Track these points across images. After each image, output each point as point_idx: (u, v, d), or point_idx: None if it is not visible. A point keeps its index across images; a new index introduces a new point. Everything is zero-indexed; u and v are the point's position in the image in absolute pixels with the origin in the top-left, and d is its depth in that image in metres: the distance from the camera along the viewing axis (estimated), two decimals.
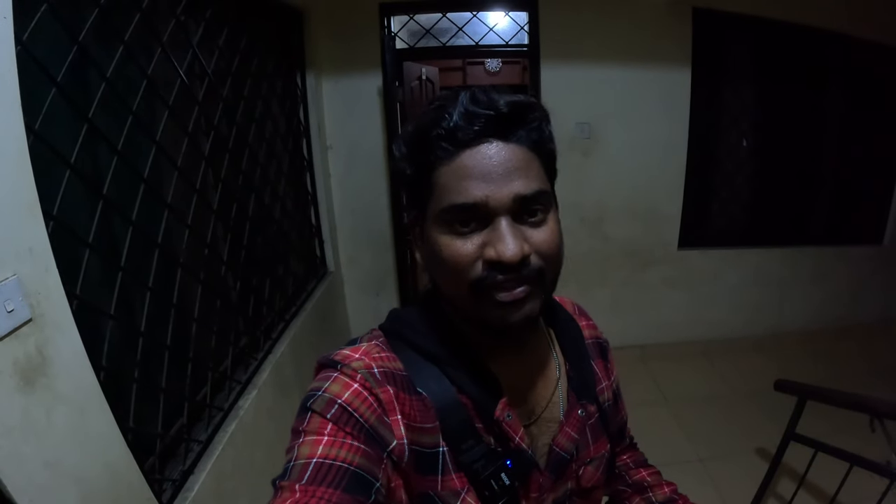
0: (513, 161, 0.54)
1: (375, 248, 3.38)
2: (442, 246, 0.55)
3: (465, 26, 3.17)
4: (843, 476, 1.72)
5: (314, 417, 0.53)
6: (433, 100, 0.58)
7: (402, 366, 0.60)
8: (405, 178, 0.59)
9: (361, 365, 0.57)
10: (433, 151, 0.55)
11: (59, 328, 0.99)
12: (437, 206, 0.56)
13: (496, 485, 0.58)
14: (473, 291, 0.55)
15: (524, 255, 0.53)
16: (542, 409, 0.66)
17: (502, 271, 0.53)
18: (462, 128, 0.53)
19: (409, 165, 0.58)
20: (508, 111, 0.54)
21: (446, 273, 0.56)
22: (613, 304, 3.45)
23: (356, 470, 0.50)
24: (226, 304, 1.84)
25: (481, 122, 0.53)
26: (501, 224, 0.53)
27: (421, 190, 0.58)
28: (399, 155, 0.59)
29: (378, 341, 0.62)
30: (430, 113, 0.56)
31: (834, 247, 3.63)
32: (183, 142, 1.59)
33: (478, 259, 0.54)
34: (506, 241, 0.52)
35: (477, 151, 0.54)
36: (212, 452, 1.53)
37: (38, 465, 0.92)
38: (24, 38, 0.93)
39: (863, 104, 3.47)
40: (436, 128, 0.54)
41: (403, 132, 0.60)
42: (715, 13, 3.05)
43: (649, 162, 3.28)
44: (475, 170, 0.53)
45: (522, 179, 0.54)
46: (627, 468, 0.87)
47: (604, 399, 0.74)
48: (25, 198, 0.91)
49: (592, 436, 0.70)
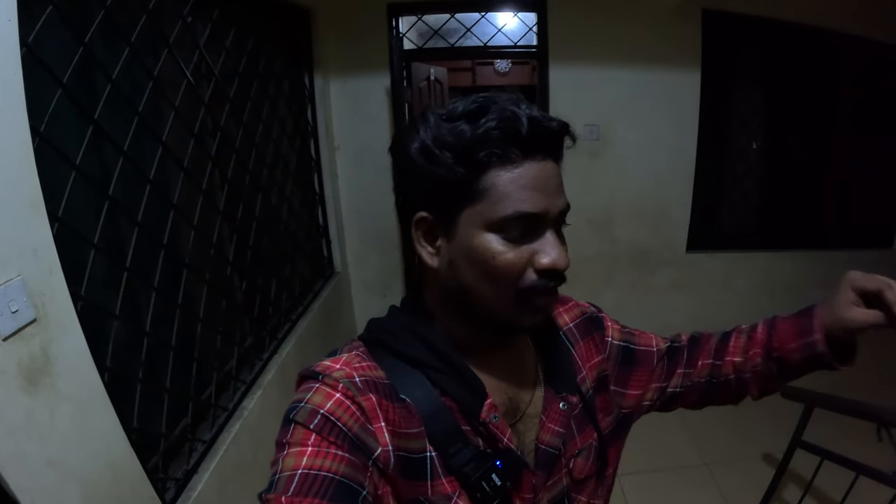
0: (558, 177, 0.58)
1: (382, 248, 3.38)
2: (494, 253, 0.55)
3: (474, 27, 3.17)
4: (849, 484, 1.70)
5: (297, 429, 0.53)
6: (474, 98, 0.55)
7: (383, 374, 0.60)
8: (434, 175, 0.56)
9: (343, 374, 0.57)
10: (496, 154, 0.54)
11: (63, 328, 0.99)
12: (491, 213, 0.54)
13: (487, 486, 0.57)
14: (520, 298, 0.57)
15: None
16: (527, 406, 0.66)
17: (554, 278, 0.57)
18: (535, 137, 0.54)
19: (456, 165, 0.55)
20: (560, 130, 0.57)
21: (492, 279, 0.56)
22: (620, 306, 3.43)
23: (341, 479, 0.49)
24: (231, 305, 1.85)
25: (548, 136, 0.56)
26: (553, 235, 0.57)
27: (460, 191, 0.56)
28: (438, 152, 0.55)
29: (358, 351, 0.62)
30: (495, 112, 0.53)
31: (844, 251, 3.58)
32: (189, 142, 1.60)
33: (528, 267, 0.56)
34: (559, 250, 0.56)
35: (540, 164, 0.56)
36: (216, 452, 1.54)
37: (41, 465, 0.93)
38: (29, 40, 0.94)
39: (874, 106, 3.43)
40: (507, 132, 0.53)
41: (446, 129, 0.55)
42: (725, 15, 3.03)
43: (658, 164, 3.26)
44: (538, 181, 0.55)
45: (563, 195, 0.58)
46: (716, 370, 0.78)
47: (587, 386, 0.72)
48: (30, 199, 0.92)
49: (578, 427, 0.69)
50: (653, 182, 3.29)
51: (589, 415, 0.71)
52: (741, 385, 0.77)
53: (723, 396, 0.80)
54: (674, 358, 0.79)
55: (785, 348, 0.71)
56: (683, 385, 0.79)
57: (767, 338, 0.74)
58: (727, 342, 0.79)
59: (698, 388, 0.79)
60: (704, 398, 0.81)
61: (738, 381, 0.76)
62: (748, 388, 0.77)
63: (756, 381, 0.75)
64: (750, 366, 0.75)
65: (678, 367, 0.79)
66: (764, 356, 0.74)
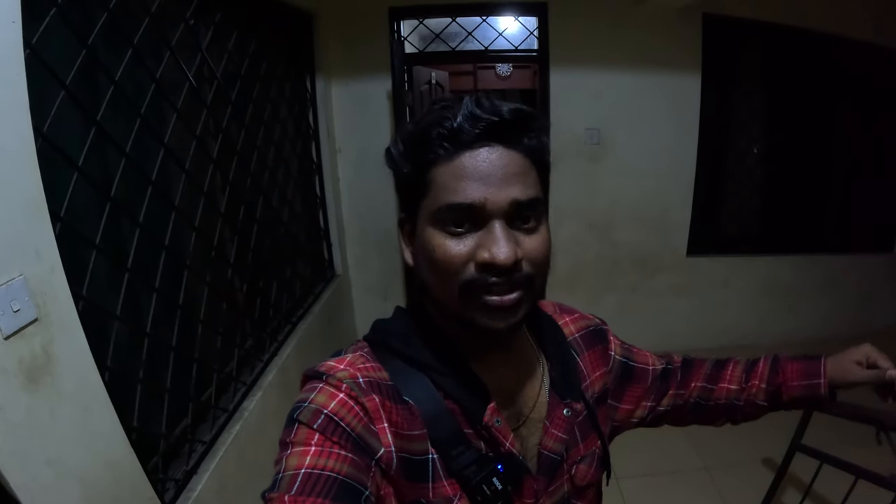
0: (511, 167, 0.54)
1: (383, 251, 3.39)
2: (434, 246, 0.55)
3: (475, 31, 3.18)
4: (849, 486, 1.70)
5: (301, 428, 0.53)
6: (436, 100, 0.58)
7: (387, 375, 0.60)
8: (400, 175, 0.60)
9: (346, 375, 0.57)
10: (433, 150, 0.55)
11: (64, 328, 1.00)
12: (432, 205, 0.55)
13: (488, 490, 0.57)
14: (463, 293, 0.55)
15: (517, 258, 0.53)
16: (530, 411, 0.66)
17: (494, 274, 0.53)
18: (465, 129, 0.53)
19: (405, 163, 0.58)
20: (511, 118, 0.54)
21: (437, 273, 0.56)
22: (621, 310, 3.44)
23: (344, 479, 0.50)
24: (232, 306, 1.85)
25: (483, 126, 0.53)
26: (496, 227, 0.53)
27: (415, 188, 0.58)
28: (395, 152, 0.59)
29: (363, 352, 0.63)
30: (434, 112, 0.56)
31: (844, 255, 3.59)
32: (191, 144, 1.61)
33: (470, 260, 0.54)
34: (500, 243, 0.52)
35: (478, 154, 0.54)
36: (215, 453, 1.54)
37: (42, 463, 0.93)
38: (32, 41, 0.94)
39: (874, 110, 3.44)
40: (438, 127, 0.54)
41: (402, 130, 0.60)
42: (725, 19, 3.04)
43: (658, 168, 3.26)
44: (474, 171, 0.53)
45: (520, 185, 0.54)
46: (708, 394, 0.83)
47: (591, 394, 0.73)
48: (32, 199, 0.93)
49: (581, 433, 0.69)
50: (653, 186, 3.29)
51: (593, 423, 0.72)
52: (730, 410, 0.83)
53: (706, 418, 0.86)
54: (667, 380, 0.83)
55: (788, 385, 0.79)
56: (674, 405, 0.83)
57: (771, 373, 0.81)
58: (722, 370, 0.85)
59: (686, 407, 0.84)
60: (688, 417, 0.86)
61: (728, 406, 0.83)
62: (735, 413, 0.83)
63: (747, 408, 0.82)
64: (746, 395, 0.81)
65: (671, 389, 0.83)
66: (764, 388, 0.81)
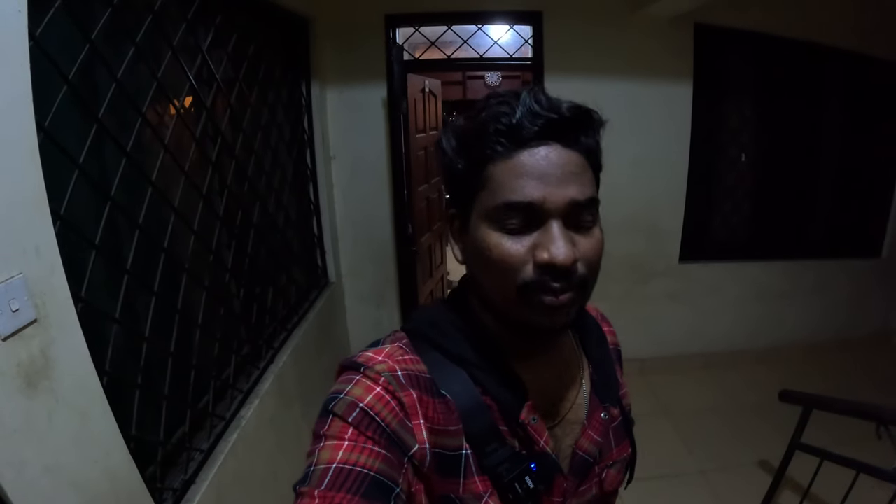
0: (570, 166, 0.53)
1: (377, 259, 3.36)
2: (491, 245, 0.54)
3: (470, 39, 3.19)
4: (847, 488, 1.70)
5: (335, 421, 0.52)
6: (491, 95, 0.56)
7: (425, 368, 0.59)
8: (453, 171, 0.58)
9: (385, 368, 0.56)
10: (490, 146, 0.54)
11: (63, 330, 0.97)
12: (489, 203, 0.54)
13: (520, 488, 0.56)
14: (521, 293, 0.53)
15: (574, 259, 0.52)
16: (567, 411, 0.65)
17: (553, 275, 0.52)
18: (525, 126, 0.52)
19: (459, 158, 0.57)
20: (571, 115, 0.54)
21: (493, 272, 0.55)
22: (615, 317, 3.33)
23: (376, 475, 0.49)
24: (229, 312, 1.82)
25: (543, 123, 0.52)
26: (553, 227, 0.52)
27: (470, 185, 0.57)
28: (449, 147, 0.58)
29: (401, 343, 0.61)
30: (492, 107, 0.54)
31: (834, 260, 3.65)
32: (190, 146, 1.59)
33: (528, 260, 0.53)
34: (558, 244, 0.51)
35: (537, 152, 0.53)
36: (213, 462, 1.50)
37: (39, 470, 0.89)
38: (36, 33, 0.92)
39: (861, 118, 3.51)
40: (496, 122, 0.53)
41: (455, 125, 0.59)
42: (716, 29, 3.09)
43: (651, 175, 3.29)
44: (534, 169, 0.52)
45: (578, 185, 0.53)
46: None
47: (626, 403, 0.74)
48: (34, 194, 0.90)
49: (615, 439, 0.69)
50: (646, 193, 3.32)
51: (627, 430, 0.72)
52: None
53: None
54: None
55: None
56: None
57: None
58: None
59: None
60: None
61: None
62: None
63: None
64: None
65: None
66: None
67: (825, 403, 1.93)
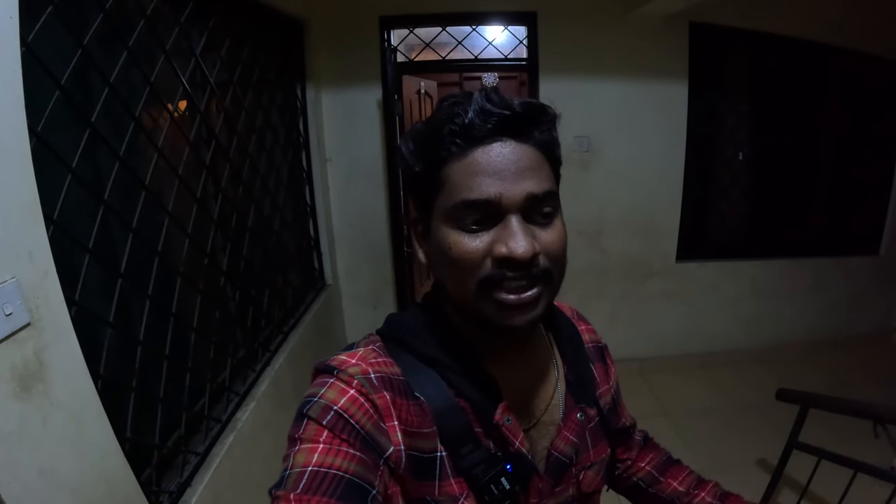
0: (525, 161, 0.54)
1: (373, 260, 3.37)
2: (450, 243, 0.54)
3: (464, 40, 3.20)
4: (845, 486, 1.70)
5: (310, 424, 0.52)
6: (446, 97, 0.57)
7: (399, 370, 0.59)
8: (412, 174, 0.59)
9: (358, 370, 0.56)
10: (445, 147, 0.54)
11: (57, 334, 0.97)
12: (446, 203, 0.55)
13: (496, 489, 0.57)
14: (481, 290, 0.54)
15: (534, 252, 0.52)
16: (542, 413, 0.65)
17: (512, 269, 0.52)
18: (476, 125, 0.53)
19: (417, 161, 0.58)
20: (522, 111, 0.54)
21: (454, 271, 0.55)
22: (612, 316, 3.44)
23: (351, 478, 0.49)
24: (225, 315, 1.82)
25: (495, 121, 0.53)
26: (512, 222, 0.53)
27: (428, 187, 0.57)
28: (407, 151, 0.59)
29: (375, 346, 0.61)
30: (445, 109, 0.55)
31: (831, 258, 3.65)
32: (184, 150, 1.59)
33: (486, 256, 0.53)
34: (517, 237, 0.52)
35: (490, 149, 0.53)
36: (209, 465, 1.50)
37: (34, 473, 0.90)
38: (28, 39, 0.93)
39: (858, 116, 3.52)
40: (449, 124, 0.54)
41: (412, 129, 0.60)
42: (711, 27, 3.09)
43: (647, 175, 3.29)
44: (488, 167, 0.53)
45: (534, 179, 0.54)
46: (654, 480, 0.83)
47: (605, 402, 0.74)
48: (27, 199, 0.90)
49: (592, 440, 0.69)
50: (642, 192, 3.32)
51: (605, 430, 0.72)
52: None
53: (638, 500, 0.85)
54: (628, 443, 0.84)
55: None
56: (617, 474, 0.84)
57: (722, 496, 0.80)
58: (675, 467, 0.85)
59: (626, 482, 0.85)
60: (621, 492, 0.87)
61: (669, 501, 0.81)
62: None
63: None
64: (689, 499, 0.80)
65: (625, 453, 0.83)
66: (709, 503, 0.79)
67: (823, 402, 1.93)
